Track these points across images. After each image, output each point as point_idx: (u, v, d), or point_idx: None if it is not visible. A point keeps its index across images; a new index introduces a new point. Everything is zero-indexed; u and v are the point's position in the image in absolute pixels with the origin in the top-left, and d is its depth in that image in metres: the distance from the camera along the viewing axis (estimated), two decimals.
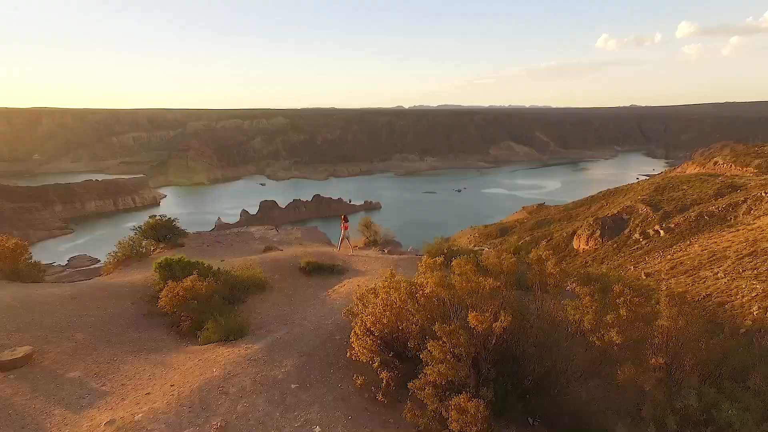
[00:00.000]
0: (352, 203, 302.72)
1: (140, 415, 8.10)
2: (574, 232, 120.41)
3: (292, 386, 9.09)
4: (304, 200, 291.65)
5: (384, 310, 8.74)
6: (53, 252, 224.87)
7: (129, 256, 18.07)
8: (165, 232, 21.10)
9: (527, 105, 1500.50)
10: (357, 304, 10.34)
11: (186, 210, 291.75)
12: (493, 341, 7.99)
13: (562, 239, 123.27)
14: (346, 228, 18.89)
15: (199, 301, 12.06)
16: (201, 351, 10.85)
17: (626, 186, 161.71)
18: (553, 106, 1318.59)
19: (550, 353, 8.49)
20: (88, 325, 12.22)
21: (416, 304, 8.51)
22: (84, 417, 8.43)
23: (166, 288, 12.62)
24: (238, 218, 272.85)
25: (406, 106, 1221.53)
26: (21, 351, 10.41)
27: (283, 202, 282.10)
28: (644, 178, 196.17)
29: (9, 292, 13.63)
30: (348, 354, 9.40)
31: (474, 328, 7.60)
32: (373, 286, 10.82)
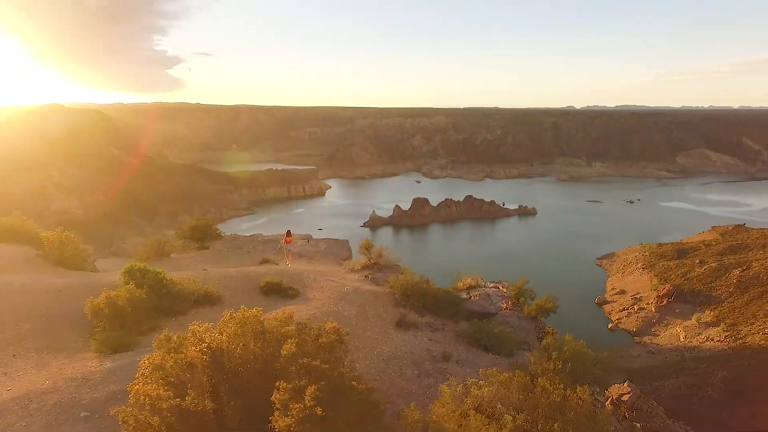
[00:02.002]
0: (505, 207, 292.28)
1: None
2: None
3: (82, 414, 9.29)
4: (456, 200, 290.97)
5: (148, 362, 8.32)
6: (237, 229, 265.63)
7: (149, 255, 20.24)
8: (200, 234, 23.08)
9: (735, 106, 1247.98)
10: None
11: (346, 201, 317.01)
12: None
13: (764, 270, 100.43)
14: (288, 242, 19.72)
15: (113, 310, 12.99)
16: (76, 360, 11.79)
17: None
18: None
19: None
20: (45, 317, 14.12)
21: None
22: None
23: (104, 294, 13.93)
24: (391, 212, 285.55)
25: (578, 107, 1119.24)
26: None
27: (435, 201, 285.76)
28: None
29: (25, 279, 16.52)
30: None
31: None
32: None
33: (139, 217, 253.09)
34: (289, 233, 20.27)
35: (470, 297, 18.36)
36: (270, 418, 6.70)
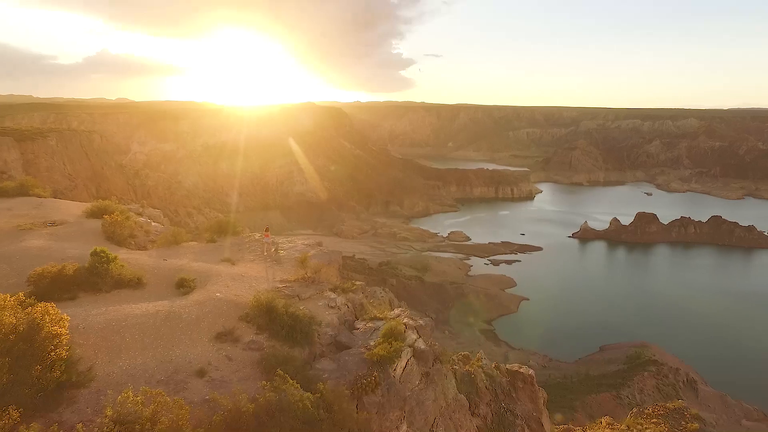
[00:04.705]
0: (766, 235, 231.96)
1: None
2: None
3: None
4: (696, 220, 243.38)
5: None
6: (440, 224, 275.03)
7: (162, 244, 22.19)
8: (218, 228, 24.50)
9: None
10: None
11: (556, 208, 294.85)
12: None
13: None
14: (266, 236, 22.04)
15: (40, 279, 14.82)
16: None
17: None
18: None
19: None
20: (18, 276, 16.21)
21: None
22: None
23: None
24: (607, 225, 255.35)
25: None
26: None
27: (666, 218, 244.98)
28: None
29: (60, 246, 19.32)
30: None
31: None
32: None
33: (359, 203, 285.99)
34: (267, 229, 22.08)
35: (357, 328, 15.35)
36: None
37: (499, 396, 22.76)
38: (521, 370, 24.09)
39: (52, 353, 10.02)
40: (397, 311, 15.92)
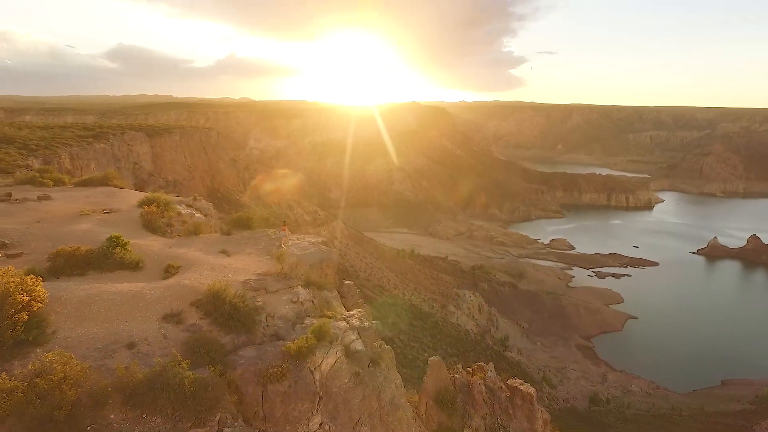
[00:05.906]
0: None
1: None
2: None
3: None
4: None
5: None
6: (542, 231, 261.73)
7: (183, 233, 24.60)
8: (236, 223, 26.35)
9: None
10: None
11: (679, 220, 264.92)
12: None
13: None
14: (284, 230, 23.65)
15: (56, 257, 17.24)
16: None
17: None
18: None
19: None
20: (42, 252, 19.00)
21: None
22: None
23: None
24: (743, 243, 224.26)
25: None
26: None
27: None
28: None
29: (100, 231, 22.77)
30: None
31: None
32: None
33: (456, 204, 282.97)
34: (285, 224, 24.15)
35: (304, 324, 15.74)
36: None
37: (496, 411, 22.05)
38: (521, 387, 23.00)
39: (15, 316, 12.48)
40: (353, 311, 16.41)
